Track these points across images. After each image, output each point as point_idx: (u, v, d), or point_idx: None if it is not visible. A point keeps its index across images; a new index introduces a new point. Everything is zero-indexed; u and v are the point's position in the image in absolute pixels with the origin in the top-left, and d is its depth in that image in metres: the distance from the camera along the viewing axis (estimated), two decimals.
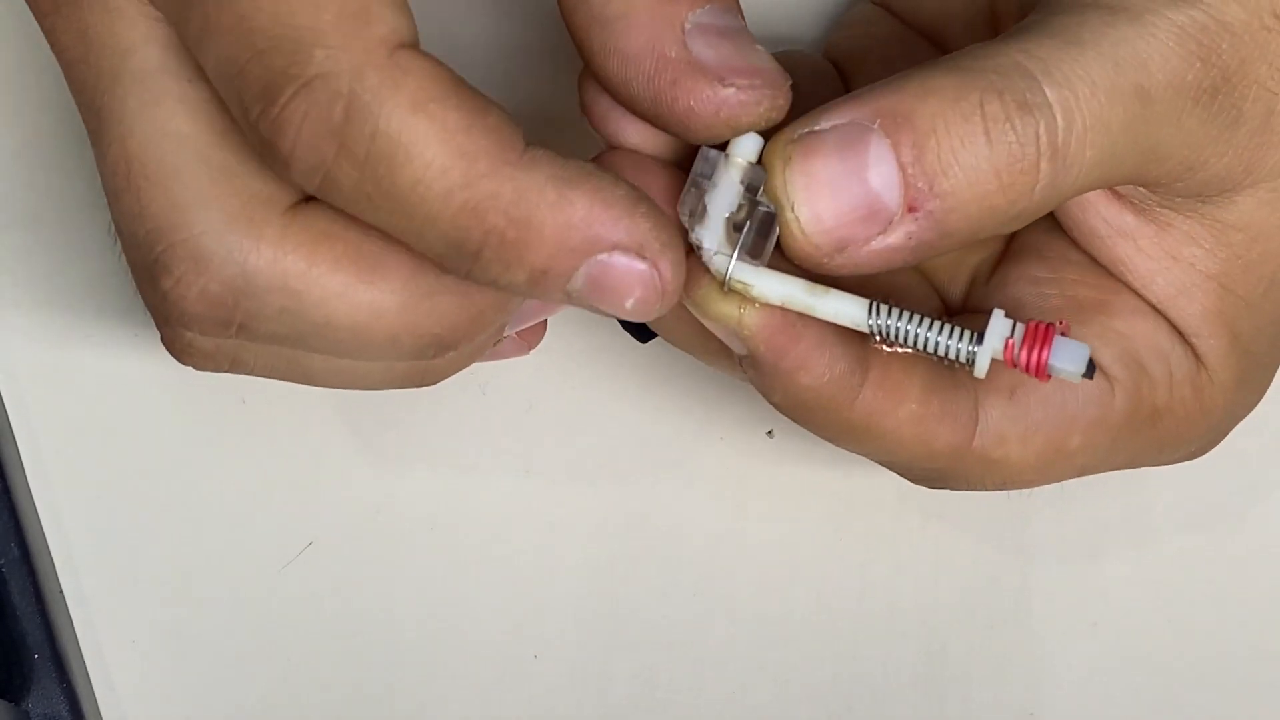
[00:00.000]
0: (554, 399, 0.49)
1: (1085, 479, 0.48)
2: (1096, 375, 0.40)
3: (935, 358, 0.38)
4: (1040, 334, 0.37)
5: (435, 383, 0.41)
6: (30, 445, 0.49)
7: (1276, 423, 0.49)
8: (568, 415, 0.49)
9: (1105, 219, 0.41)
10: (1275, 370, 0.43)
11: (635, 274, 0.36)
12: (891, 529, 0.49)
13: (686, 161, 0.39)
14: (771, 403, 0.40)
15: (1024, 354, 0.37)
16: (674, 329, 0.41)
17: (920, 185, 0.36)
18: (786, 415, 0.40)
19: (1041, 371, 0.37)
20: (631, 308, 0.37)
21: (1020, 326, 0.37)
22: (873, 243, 0.37)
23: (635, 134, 0.39)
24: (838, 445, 0.41)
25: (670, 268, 0.36)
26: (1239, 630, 0.49)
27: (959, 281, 0.43)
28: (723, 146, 0.38)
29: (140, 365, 0.49)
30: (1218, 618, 0.49)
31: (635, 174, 0.38)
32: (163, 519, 0.49)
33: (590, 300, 0.37)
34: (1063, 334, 0.37)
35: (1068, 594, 0.49)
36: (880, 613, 0.49)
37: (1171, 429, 0.42)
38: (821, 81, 0.45)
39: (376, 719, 0.48)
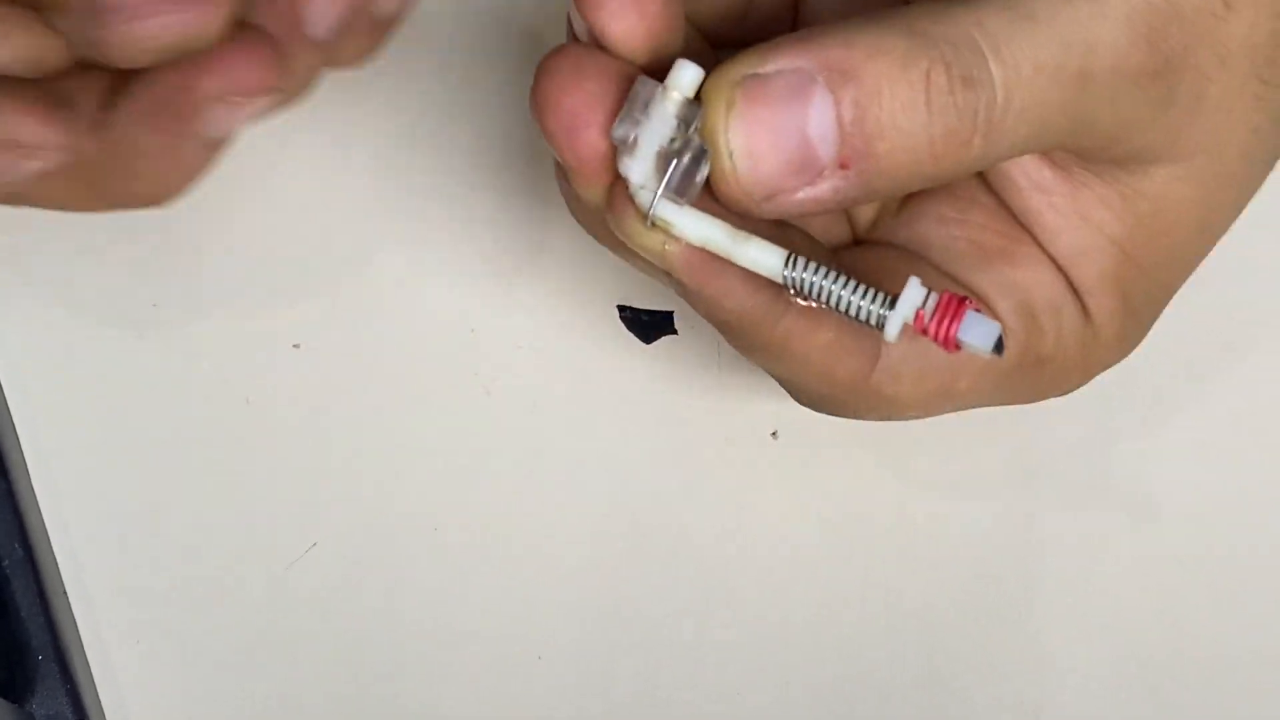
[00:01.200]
0: (558, 401, 0.49)
1: (1091, 478, 0.49)
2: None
3: (846, 316, 0.37)
4: (953, 308, 0.37)
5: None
6: (33, 445, 0.49)
7: None
8: (571, 417, 0.49)
9: (1026, 171, 0.41)
10: (1150, 327, 0.43)
11: None
12: (894, 529, 0.49)
13: (659, 69, 0.38)
14: (699, 313, 0.40)
15: (934, 325, 0.37)
16: (606, 236, 0.41)
17: (857, 145, 0.36)
18: (712, 325, 0.40)
19: (950, 343, 0.37)
20: None
21: (934, 296, 0.37)
22: (799, 193, 0.37)
23: (618, 28, 0.38)
24: (748, 358, 0.41)
25: None
26: (1246, 629, 0.49)
27: (867, 210, 0.43)
28: (661, 76, 0.37)
29: (143, 365, 0.49)
30: (1224, 617, 0.49)
31: (595, 79, 0.37)
32: (166, 520, 0.49)
33: None
34: (974, 310, 0.37)
35: (1072, 593, 0.49)
36: (883, 613, 0.49)
37: (1051, 376, 0.42)
38: None
39: (379, 719, 0.48)
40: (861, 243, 0.43)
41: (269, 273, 0.50)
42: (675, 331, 0.49)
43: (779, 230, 0.39)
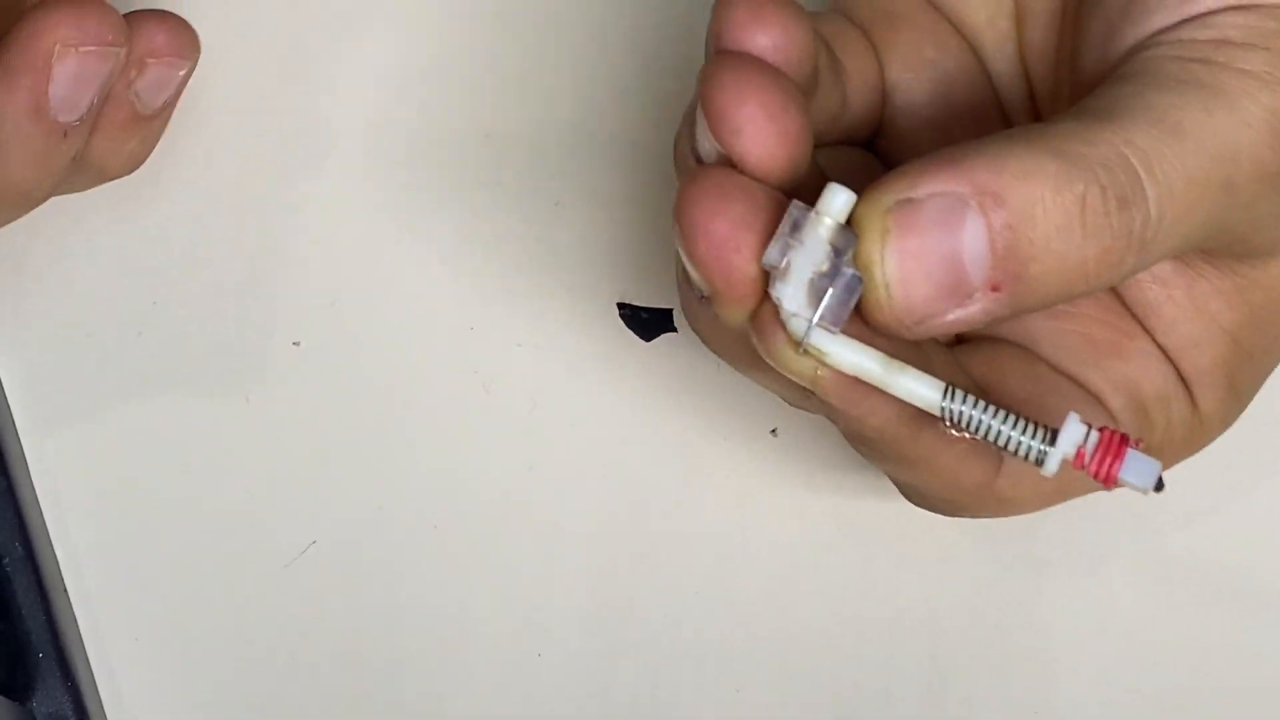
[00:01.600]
0: (557, 398, 0.49)
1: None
2: (1108, 422, 0.41)
3: (1003, 450, 0.37)
4: (1114, 447, 0.36)
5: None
6: (34, 443, 0.49)
7: None
8: (571, 414, 0.49)
9: None
10: (1246, 406, 0.43)
11: None
12: (896, 529, 0.49)
13: (796, 193, 0.37)
14: (835, 426, 0.40)
15: (1095, 464, 0.36)
16: (737, 354, 0.40)
17: (1011, 268, 0.36)
18: (848, 439, 0.40)
19: (1111, 481, 0.36)
20: None
21: (1095, 434, 0.36)
22: (950, 315, 0.36)
23: (758, 153, 0.37)
24: (872, 463, 0.41)
25: None
26: (1246, 634, 0.48)
27: None
28: (794, 193, 0.37)
29: (143, 363, 0.49)
30: (1224, 621, 0.48)
31: (742, 201, 0.36)
32: (166, 518, 0.49)
33: None
34: (1134, 447, 0.36)
35: (1074, 596, 0.48)
36: (884, 613, 0.48)
37: None
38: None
39: (380, 718, 0.48)
40: (965, 339, 0.43)
41: (268, 270, 0.50)
42: (675, 329, 0.49)
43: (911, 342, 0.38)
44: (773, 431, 0.49)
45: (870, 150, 0.44)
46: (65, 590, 0.48)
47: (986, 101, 0.44)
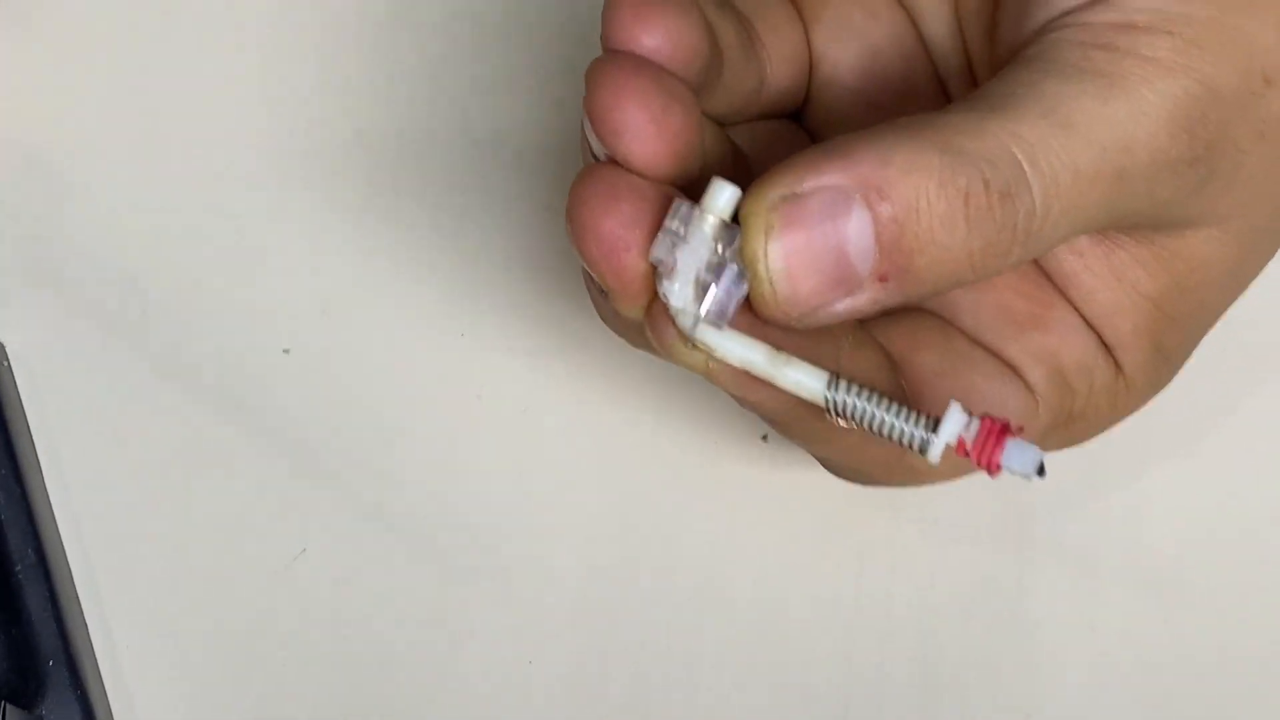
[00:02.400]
0: (548, 405, 0.49)
1: (1084, 481, 0.48)
2: (1024, 394, 0.41)
3: (887, 440, 0.37)
4: (995, 435, 0.36)
5: None
6: (47, 451, 0.50)
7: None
8: (562, 421, 0.49)
9: None
10: (1180, 368, 0.43)
11: None
12: (886, 532, 0.48)
13: (689, 185, 0.37)
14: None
15: (976, 451, 0.36)
16: (643, 343, 0.40)
17: (896, 260, 0.36)
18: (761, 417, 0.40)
19: (993, 469, 0.36)
20: None
21: (976, 422, 0.36)
22: (838, 305, 0.36)
23: (642, 153, 0.37)
24: (788, 439, 0.41)
25: None
26: (1237, 633, 0.47)
27: None
28: (687, 187, 0.37)
29: (134, 372, 0.49)
30: (1216, 620, 0.48)
31: (630, 200, 0.37)
32: (164, 525, 0.49)
33: None
34: (1015, 435, 0.36)
35: (1065, 596, 0.48)
36: (876, 617, 0.48)
37: (1081, 430, 0.43)
38: None
39: None
40: (888, 311, 0.42)
41: (258, 277, 0.50)
42: None
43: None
44: (763, 438, 0.48)
45: (800, 121, 0.44)
46: (77, 598, 0.49)
47: (918, 69, 0.43)
